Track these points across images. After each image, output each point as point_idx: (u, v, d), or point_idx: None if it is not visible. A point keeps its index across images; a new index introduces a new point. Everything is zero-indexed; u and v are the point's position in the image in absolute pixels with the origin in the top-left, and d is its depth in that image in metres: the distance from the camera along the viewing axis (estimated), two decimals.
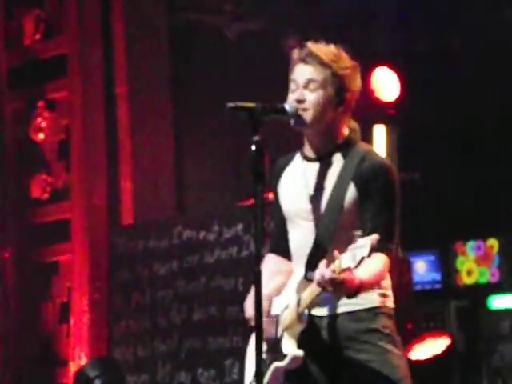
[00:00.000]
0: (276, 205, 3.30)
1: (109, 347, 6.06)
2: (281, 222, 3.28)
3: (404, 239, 3.18)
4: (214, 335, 5.59)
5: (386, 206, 3.09)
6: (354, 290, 2.99)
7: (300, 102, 3.16)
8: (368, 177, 3.11)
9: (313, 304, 3.11)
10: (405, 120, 6.25)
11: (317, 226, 3.16)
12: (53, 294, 6.34)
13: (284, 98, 3.22)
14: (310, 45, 3.17)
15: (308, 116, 3.15)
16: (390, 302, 3.22)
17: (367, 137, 5.73)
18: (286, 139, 3.40)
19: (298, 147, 3.29)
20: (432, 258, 6.26)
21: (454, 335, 5.98)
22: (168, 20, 6.40)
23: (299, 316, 3.12)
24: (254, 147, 2.93)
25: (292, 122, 3.18)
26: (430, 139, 6.16)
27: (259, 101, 3.06)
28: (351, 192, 3.14)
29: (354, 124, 4.95)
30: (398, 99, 6.17)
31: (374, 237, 2.90)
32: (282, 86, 3.30)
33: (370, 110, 5.96)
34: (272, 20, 6.27)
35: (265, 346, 3.12)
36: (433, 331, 5.96)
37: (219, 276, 5.56)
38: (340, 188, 3.14)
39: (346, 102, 3.17)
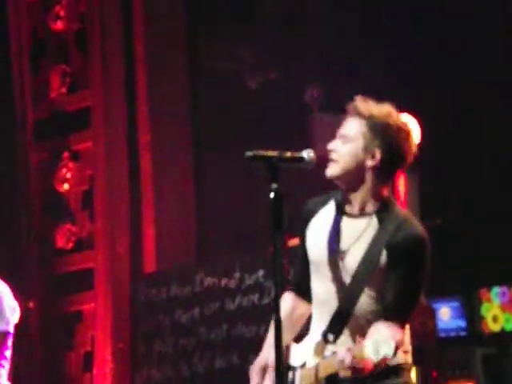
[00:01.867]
0: (302, 246, 3.13)
1: None
2: (304, 265, 3.12)
3: (428, 286, 3.04)
4: None
5: (411, 279, 2.94)
6: (370, 373, 2.87)
7: (331, 151, 3.03)
8: (401, 247, 2.94)
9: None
10: (426, 166, 6.04)
11: (344, 287, 3.01)
12: (76, 343, 6.18)
13: (303, 146, 3.09)
14: (361, 98, 3.03)
15: (335, 167, 3.01)
16: (410, 358, 3.18)
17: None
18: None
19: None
20: (456, 304, 6.02)
21: (480, 383, 5.68)
22: (190, 69, 6.32)
23: (318, 381, 2.99)
24: (272, 195, 2.84)
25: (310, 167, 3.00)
26: (452, 185, 5.95)
27: (279, 149, 2.96)
28: (384, 258, 2.97)
29: None
30: (418, 146, 5.97)
31: (398, 339, 2.82)
32: (300, 134, 3.16)
33: None
34: (293, 70, 6.15)
35: None
36: (458, 379, 5.68)
37: (241, 323, 5.38)
38: (374, 252, 2.97)
39: (386, 161, 2.96)
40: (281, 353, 2.83)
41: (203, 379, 5.56)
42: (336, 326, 2.95)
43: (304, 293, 3.13)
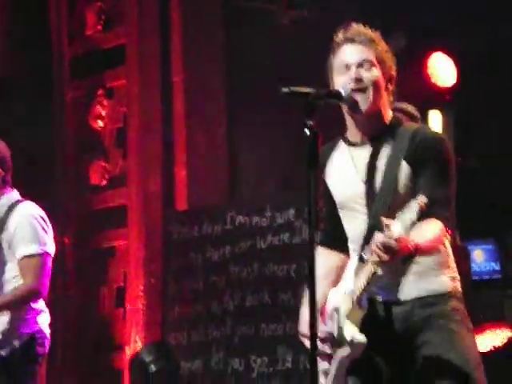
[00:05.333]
0: (325, 194, 2.98)
1: (163, 332, 5.58)
2: (332, 211, 2.97)
3: (461, 228, 2.70)
4: (266, 322, 5.09)
5: (441, 176, 2.79)
6: (410, 254, 2.69)
7: (358, 81, 2.84)
8: (421, 149, 2.82)
9: (371, 286, 2.77)
10: (461, 106, 5.61)
11: (371, 210, 2.83)
12: (109, 278, 5.92)
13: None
14: (355, 25, 2.92)
15: (367, 96, 2.85)
16: (459, 286, 2.86)
17: (422, 122, 5.08)
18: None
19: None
20: (490, 247, 5.60)
21: None
22: (223, 8, 5.92)
23: (358, 301, 2.79)
24: (307, 131, 2.64)
25: (346, 106, 2.86)
26: (487, 125, 5.49)
27: (312, 86, 2.76)
28: (404, 170, 2.82)
29: (412, 108, 4.31)
30: (454, 85, 5.55)
31: (422, 198, 2.60)
32: None
33: (425, 96, 5.35)
34: (326, 8, 5.69)
35: (328, 340, 2.84)
36: (492, 322, 5.28)
37: (272, 262, 5.09)
38: (392, 168, 2.83)
39: (393, 81, 2.91)
40: (314, 292, 2.57)
41: (234, 317, 5.32)
42: (369, 245, 2.73)
43: (337, 241, 2.97)
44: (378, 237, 2.63)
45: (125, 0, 6.08)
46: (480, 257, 5.63)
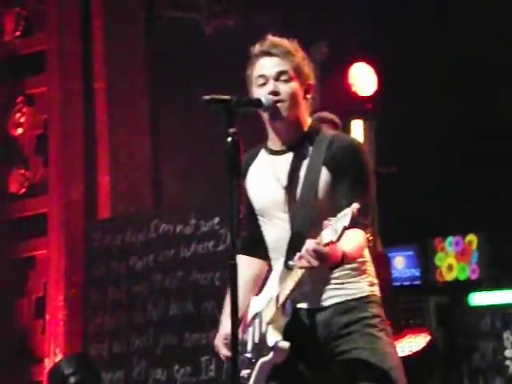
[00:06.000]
0: (246, 202, 2.98)
1: (84, 343, 5.46)
2: (252, 219, 2.97)
3: (383, 234, 2.72)
4: (190, 331, 5.01)
5: (359, 183, 2.83)
6: (338, 262, 2.70)
7: (275, 93, 2.86)
8: (339, 156, 2.85)
9: (296, 294, 2.76)
10: (382, 114, 5.68)
11: (293, 217, 2.84)
12: (29, 288, 5.76)
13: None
14: (271, 37, 2.92)
15: (284, 107, 2.87)
16: (377, 291, 2.89)
17: (345, 131, 5.12)
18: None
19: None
20: (411, 253, 5.66)
21: (434, 332, 5.40)
22: (146, 16, 5.87)
23: (282, 307, 2.77)
24: (229, 139, 2.66)
25: (267, 114, 2.88)
26: (409, 133, 5.59)
27: (234, 95, 2.79)
28: (324, 176, 2.84)
29: (334, 116, 4.33)
30: (375, 93, 5.62)
31: (355, 205, 2.61)
32: None
33: (347, 105, 5.41)
34: (250, 17, 5.70)
35: (249, 346, 2.84)
36: (412, 328, 5.35)
37: (196, 270, 5.01)
38: (312, 175, 2.85)
39: (311, 90, 2.94)
40: (236, 306, 2.61)
41: (157, 326, 5.23)
42: (294, 252, 2.73)
43: (257, 249, 2.96)
44: (310, 243, 2.63)
45: (45, 6, 5.98)
46: (401, 263, 5.69)
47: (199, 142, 5.81)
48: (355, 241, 2.74)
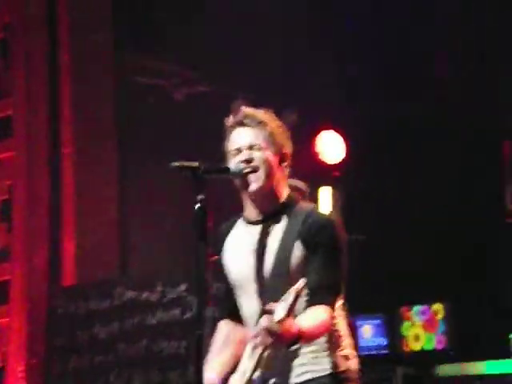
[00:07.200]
0: (223, 272, 2.93)
1: None
2: (230, 289, 2.92)
3: (350, 303, 2.86)
4: None
5: (330, 261, 2.81)
6: (294, 339, 2.64)
7: (249, 161, 2.84)
8: (314, 232, 2.82)
9: (264, 369, 2.70)
10: (350, 182, 5.71)
11: (265, 289, 2.80)
12: None
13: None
14: (245, 108, 2.93)
15: (257, 176, 2.84)
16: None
17: (313, 199, 5.13)
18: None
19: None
20: (378, 322, 5.60)
21: None
22: (115, 82, 5.86)
23: (248, 383, 2.70)
24: (197, 206, 2.66)
25: (239, 184, 2.85)
26: (377, 201, 5.60)
27: (205, 161, 2.76)
28: (298, 250, 2.80)
29: (302, 184, 4.34)
30: (343, 161, 5.66)
31: (301, 282, 2.60)
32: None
33: (315, 173, 5.42)
34: (221, 83, 5.75)
35: None
36: None
37: (161, 339, 4.87)
38: (285, 248, 2.81)
39: (287, 159, 2.93)
40: (201, 371, 2.55)
41: None
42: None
43: (238, 317, 2.90)
44: (263, 321, 2.60)
45: (13, 72, 5.98)
46: (368, 332, 5.64)
47: (167, 208, 5.77)
48: (315, 318, 2.71)
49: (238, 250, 2.89)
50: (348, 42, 5.65)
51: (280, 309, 2.59)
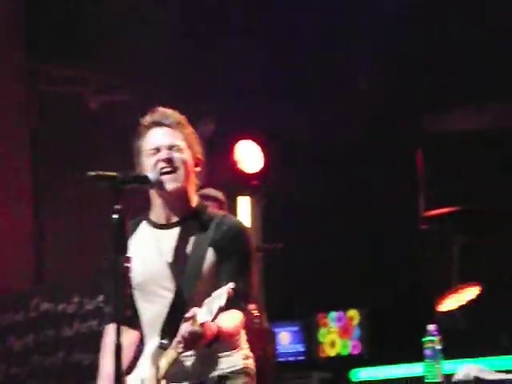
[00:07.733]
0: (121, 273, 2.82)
1: None
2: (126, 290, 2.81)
3: (268, 310, 2.76)
4: None
5: (241, 267, 2.84)
6: (214, 339, 2.70)
7: (169, 161, 2.81)
8: (226, 239, 2.84)
9: (172, 372, 2.71)
10: (269, 191, 5.76)
11: (176, 294, 2.79)
12: None
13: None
14: (162, 108, 2.90)
15: (176, 177, 2.82)
16: (251, 364, 2.90)
17: (231, 208, 5.15)
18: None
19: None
20: (296, 329, 5.67)
21: None
22: (27, 92, 5.74)
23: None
24: (115, 216, 2.61)
25: (157, 188, 2.81)
26: (295, 210, 5.66)
27: (121, 170, 2.72)
28: (210, 256, 2.82)
29: (219, 194, 4.33)
30: (261, 171, 5.69)
31: (230, 285, 2.62)
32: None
33: (233, 182, 5.44)
34: (136, 92, 5.71)
35: None
36: None
37: (78, 350, 4.80)
38: (198, 254, 2.81)
39: (200, 165, 2.92)
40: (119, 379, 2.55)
41: None
42: (170, 330, 2.70)
43: (131, 320, 2.86)
44: (184, 327, 2.61)
45: None
46: (286, 339, 5.70)
47: (84, 218, 5.70)
48: (231, 322, 2.76)
49: (145, 254, 2.85)
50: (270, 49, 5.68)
51: (204, 312, 2.59)
